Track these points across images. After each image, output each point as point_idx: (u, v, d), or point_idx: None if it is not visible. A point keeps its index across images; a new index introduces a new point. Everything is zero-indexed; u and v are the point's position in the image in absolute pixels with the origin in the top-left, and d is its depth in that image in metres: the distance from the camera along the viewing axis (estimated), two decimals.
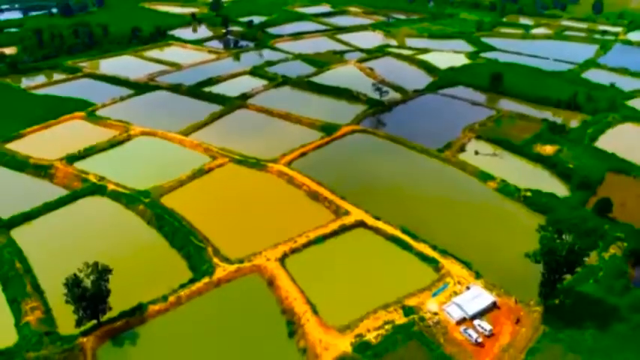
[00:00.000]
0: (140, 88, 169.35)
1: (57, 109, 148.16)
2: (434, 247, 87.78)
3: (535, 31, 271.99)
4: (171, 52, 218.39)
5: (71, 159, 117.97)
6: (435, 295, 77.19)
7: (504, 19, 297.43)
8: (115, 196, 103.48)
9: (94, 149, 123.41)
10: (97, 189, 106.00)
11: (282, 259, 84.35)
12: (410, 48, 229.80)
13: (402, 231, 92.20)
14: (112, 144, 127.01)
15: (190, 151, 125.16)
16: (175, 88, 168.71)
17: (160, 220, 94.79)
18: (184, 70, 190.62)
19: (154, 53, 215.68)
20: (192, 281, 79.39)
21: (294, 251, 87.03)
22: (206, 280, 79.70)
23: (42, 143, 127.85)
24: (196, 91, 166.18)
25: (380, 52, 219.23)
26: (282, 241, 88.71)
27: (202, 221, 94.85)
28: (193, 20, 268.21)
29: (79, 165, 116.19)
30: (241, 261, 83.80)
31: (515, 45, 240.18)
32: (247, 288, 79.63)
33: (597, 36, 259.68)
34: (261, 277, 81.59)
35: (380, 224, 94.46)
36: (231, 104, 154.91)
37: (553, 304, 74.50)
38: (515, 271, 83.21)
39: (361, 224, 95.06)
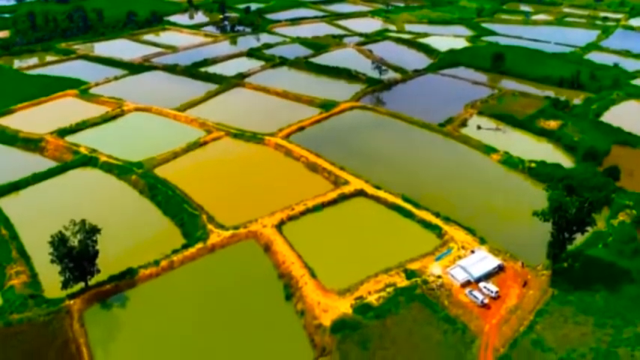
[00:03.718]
0: (135, 68, 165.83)
1: (49, 87, 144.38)
2: (437, 215, 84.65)
3: (535, 17, 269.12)
4: (167, 36, 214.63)
5: (62, 132, 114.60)
6: (438, 259, 74.10)
7: (504, 7, 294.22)
8: (107, 168, 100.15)
9: (87, 124, 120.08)
10: (89, 160, 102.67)
11: (279, 226, 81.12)
12: (409, 32, 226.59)
13: (403, 199, 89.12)
14: (105, 119, 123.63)
15: (185, 125, 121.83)
16: (171, 69, 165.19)
17: (152, 189, 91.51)
18: (180, 53, 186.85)
19: (149, 37, 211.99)
20: (185, 247, 76.13)
21: (291, 218, 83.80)
22: (200, 245, 76.43)
23: (32, 119, 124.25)
24: (192, 70, 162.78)
25: (379, 36, 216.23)
26: (279, 209, 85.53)
27: (197, 191, 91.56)
28: (190, 6, 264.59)
29: (71, 138, 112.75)
30: (237, 227, 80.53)
31: (515, 30, 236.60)
32: (243, 253, 76.44)
33: (599, 22, 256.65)
34: (257, 242, 78.39)
35: (380, 193, 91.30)
36: (227, 83, 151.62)
37: (561, 268, 71.50)
38: (521, 238, 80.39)
39: (361, 193, 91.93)
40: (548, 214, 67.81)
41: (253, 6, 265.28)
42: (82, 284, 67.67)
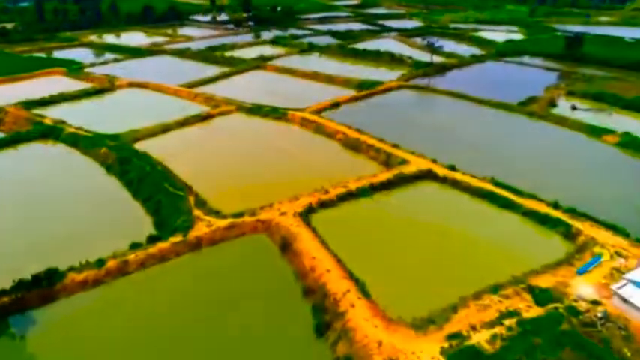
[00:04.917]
0: (140, 53, 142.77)
1: (39, 67, 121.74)
2: (554, 206, 53.44)
3: (596, 19, 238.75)
4: (185, 31, 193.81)
5: (29, 104, 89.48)
6: (581, 272, 42.52)
7: (558, 10, 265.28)
8: (72, 141, 73.38)
9: (63, 96, 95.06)
10: (50, 132, 76.36)
11: (305, 214, 51.40)
12: (456, 29, 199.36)
13: (494, 184, 58.56)
14: (88, 92, 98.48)
15: (187, 101, 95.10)
16: (181, 53, 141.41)
17: (125, 164, 63.59)
18: (195, 42, 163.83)
19: (165, 31, 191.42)
20: (152, 240, 47.01)
21: (324, 205, 54.10)
22: (177, 238, 47.09)
23: (2, 93, 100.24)
24: (205, 54, 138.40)
25: (422, 30, 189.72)
26: (305, 192, 56.12)
27: (188, 169, 63.04)
28: (213, 6, 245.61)
29: (38, 111, 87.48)
30: (239, 215, 51.26)
31: (577, 29, 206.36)
32: (245, 253, 46.76)
33: None
34: (269, 237, 48.73)
35: (458, 176, 60.97)
36: (245, 65, 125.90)
37: None
38: None
39: (429, 175, 61.80)
40: None
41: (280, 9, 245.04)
42: None
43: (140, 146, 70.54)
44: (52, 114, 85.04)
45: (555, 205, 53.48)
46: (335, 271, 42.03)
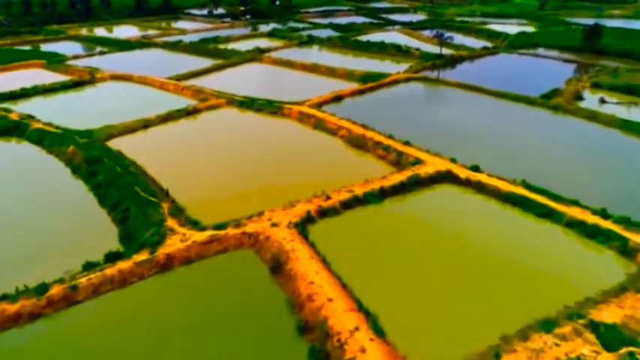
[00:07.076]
0: (129, 45, 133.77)
1: (18, 60, 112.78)
2: (602, 214, 44.29)
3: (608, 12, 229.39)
4: (179, 24, 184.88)
5: None
6: None
7: (569, 4, 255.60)
8: (38, 137, 64.45)
9: (36, 90, 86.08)
10: (13, 128, 67.50)
11: (302, 225, 42.29)
12: (462, 22, 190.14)
13: (526, 187, 49.46)
14: (65, 85, 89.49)
15: (173, 95, 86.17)
16: (173, 45, 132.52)
17: (94, 164, 54.51)
18: (189, 35, 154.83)
19: (159, 24, 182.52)
20: (112, 259, 37.96)
21: (325, 213, 45.01)
22: (142, 256, 38.09)
23: None
24: (198, 46, 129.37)
25: (427, 24, 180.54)
26: (302, 198, 47.04)
27: (166, 170, 54.17)
28: (209, 1, 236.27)
29: (7, 105, 78.61)
30: (222, 226, 42.16)
31: (590, 22, 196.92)
32: (226, 276, 37.59)
33: None
34: (258, 255, 39.66)
35: (483, 178, 51.83)
36: (240, 57, 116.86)
37: None
38: None
39: (447, 177, 52.68)
40: None
41: (279, 2, 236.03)
42: None
43: (114, 144, 61.60)
44: (21, 108, 76.14)
45: (604, 214, 44.34)
46: (339, 301, 32.95)
